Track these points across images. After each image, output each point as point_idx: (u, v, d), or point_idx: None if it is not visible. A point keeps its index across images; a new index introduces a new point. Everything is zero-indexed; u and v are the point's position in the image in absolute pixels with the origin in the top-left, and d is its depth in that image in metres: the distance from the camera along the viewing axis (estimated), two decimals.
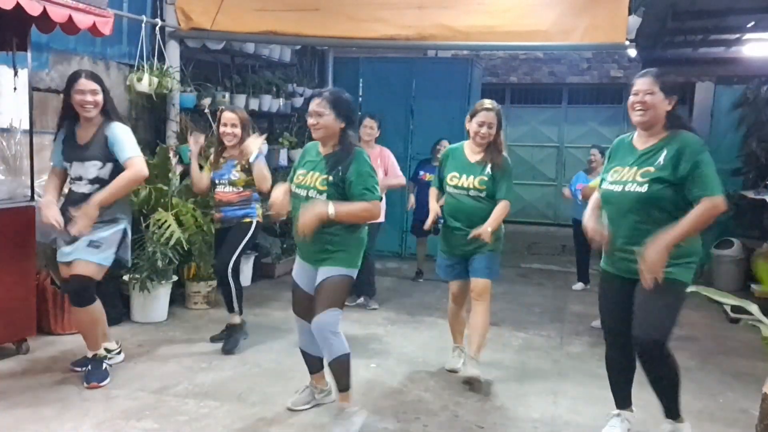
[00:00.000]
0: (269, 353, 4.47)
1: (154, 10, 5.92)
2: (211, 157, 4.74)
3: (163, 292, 5.14)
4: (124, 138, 3.77)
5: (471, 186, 3.97)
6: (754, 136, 7.18)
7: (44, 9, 3.70)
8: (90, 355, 3.89)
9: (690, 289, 2.85)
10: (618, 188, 3.05)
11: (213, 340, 4.72)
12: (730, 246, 6.92)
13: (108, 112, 3.82)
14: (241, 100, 6.76)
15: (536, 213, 11.76)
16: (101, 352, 3.92)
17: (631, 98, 3.06)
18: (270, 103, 7.11)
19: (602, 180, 3.22)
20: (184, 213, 5.23)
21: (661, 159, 2.96)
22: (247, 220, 4.61)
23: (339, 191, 3.20)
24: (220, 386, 3.86)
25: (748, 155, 7.21)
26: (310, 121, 3.29)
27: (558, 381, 4.18)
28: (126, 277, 5.01)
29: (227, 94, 6.51)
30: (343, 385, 3.30)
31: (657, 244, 2.84)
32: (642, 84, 3.02)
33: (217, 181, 4.65)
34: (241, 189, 4.59)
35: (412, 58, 8.50)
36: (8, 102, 4.41)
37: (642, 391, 3.86)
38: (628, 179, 3.02)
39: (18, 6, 3.54)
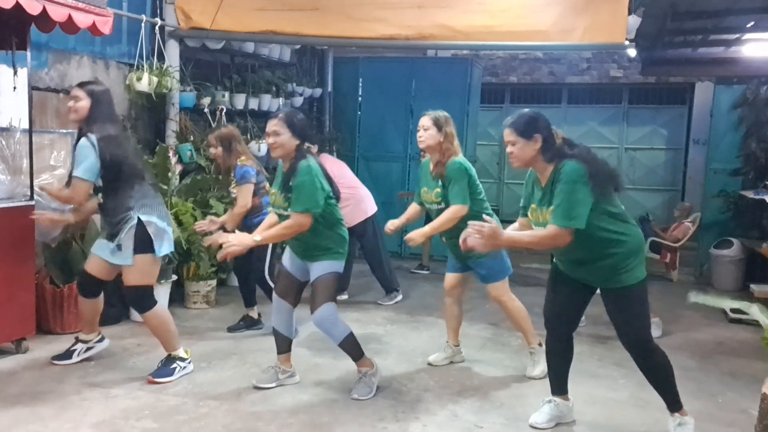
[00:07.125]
0: (270, 353, 4.45)
1: (153, 10, 5.92)
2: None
3: (162, 292, 5.11)
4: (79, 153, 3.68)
5: (431, 200, 4.05)
6: (753, 136, 7.16)
7: (44, 8, 3.70)
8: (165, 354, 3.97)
9: (691, 300, 2.89)
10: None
11: (231, 330, 4.95)
12: (730, 246, 6.91)
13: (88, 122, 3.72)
14: (240, 99, 6.77)
15: None
16: (177, 352, 3.96)
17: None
18: (269, 103, 7.10)
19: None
20: (184, 212, 5.23)
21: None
22: None
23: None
24: (220, 386, 3.85)
25: (747, 155, 7.19)
26: (269, 140, 3.50)
27: None
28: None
29: (227, 94, 6.51)
30: (357, 357, 3.76)
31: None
32: (505, 135, 3.09)
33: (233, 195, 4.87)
34: None
35: (412, 58, 8.48)
36: (8, 101, 4.41)
37: (641, 391, 3.87)
38: (543, 221, 3.10)
39: (17, 5, 3.53)
